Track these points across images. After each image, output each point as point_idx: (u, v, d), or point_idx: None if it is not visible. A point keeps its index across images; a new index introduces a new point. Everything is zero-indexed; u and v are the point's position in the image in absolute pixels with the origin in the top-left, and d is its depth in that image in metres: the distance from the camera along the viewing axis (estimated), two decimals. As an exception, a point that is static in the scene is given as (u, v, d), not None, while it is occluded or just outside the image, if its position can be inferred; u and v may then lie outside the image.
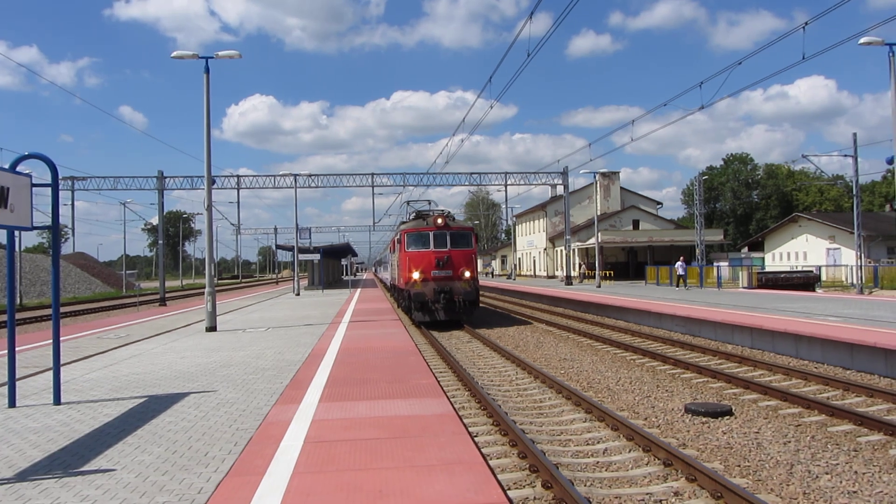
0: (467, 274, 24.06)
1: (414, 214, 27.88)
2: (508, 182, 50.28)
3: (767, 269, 54.96)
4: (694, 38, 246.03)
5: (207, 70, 20.95)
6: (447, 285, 23.69)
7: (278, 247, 72.39)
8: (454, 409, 8.83)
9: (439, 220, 24.39)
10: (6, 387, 9.79)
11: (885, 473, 7.62)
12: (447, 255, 23.95)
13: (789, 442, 8.92)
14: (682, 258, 42.19)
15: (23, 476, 6.37)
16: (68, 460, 6.87)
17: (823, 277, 46.16)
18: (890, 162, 30.53)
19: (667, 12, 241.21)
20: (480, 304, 29.08)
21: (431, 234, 24.32)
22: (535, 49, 18.19)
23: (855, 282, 40.28)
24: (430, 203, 30.13)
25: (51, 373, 10.04)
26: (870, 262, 47.14)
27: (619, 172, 77.14)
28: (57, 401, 9.70)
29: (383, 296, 42.15)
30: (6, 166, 9.12)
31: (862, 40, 20.92)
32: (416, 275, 23.58)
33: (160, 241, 48.28)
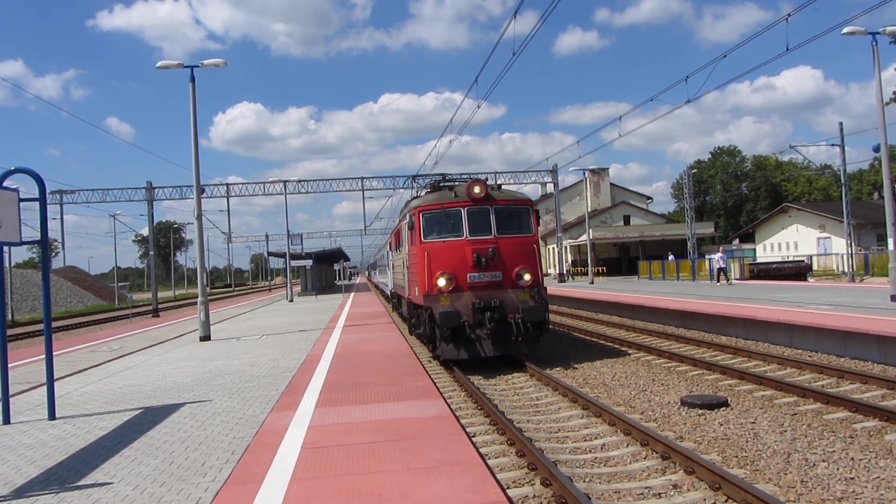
0: (527, 276, 14.45)
1: (430, 188, 17.82)
2: (498, 181, 50.31)
3: (759, 260, 55.19)
4: (680, 31, 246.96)
5: (193, 79, 20.90)
6: (495, 297, 14.27)
7: (270, 254, 72.23)
8: (451, 410, 8.82)
9: (476, 189, 14.79)
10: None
11: (881, 459, 7.66)
12: (493, 246, 14.47)
13: (785, 431, 8.95)
14: (721, 248, 39.93)
15: (19, 493, 6.33)
16: (64, 475, 6.83)
17: (815, 267, 46.45)
18: (877, 150, 30.74)
19: (653, 7, 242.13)
20: None
21: (465, 213, 14.68)
22: (521, 47, 18.06)
23: (846, 270, 40.54)
24: (444, 178, 17.83)
25: (44, 388, 9.98)
26: (860, 250, 47.45)
27: (608, 169, 77.41)
28: (52, 416, 9.64)
29: (377, 300, 42.09)
30: (-7, 182, 9.05)
31: (845, 30, 21.03)
32: (441, 281, 14.22)
33: (151, 252, 48.11)
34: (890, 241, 21.16)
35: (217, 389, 11.32)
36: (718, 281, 35.09)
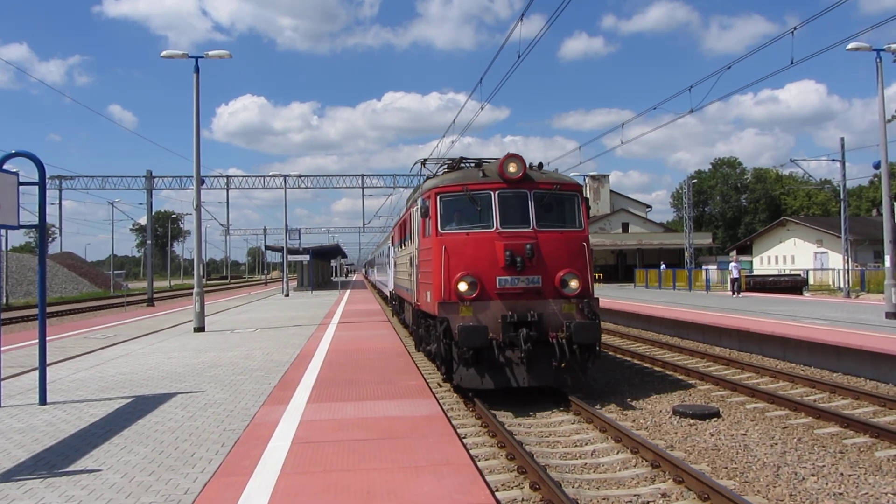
0: (575, 283, 11.26)
1: (448, 167, 13.88)
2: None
3: (755, 272, 55.27)
4: (686, 41, 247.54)
5: (197, 70, 20.88)
6: (533, 308, 11.03)
7: (267, 248, 72.13)
8: (442, 410, 8.82)
9: (512, 167, 11.48)
10: (-9, 386, 9.70)
11: (870, 475, 7.66)
12: (531, 242, 11.19)
13: (776, 444, 8.96)
14: (735, 258, 38.94)
15: (7, 476, 6.31)
16: (53, 460, 6.82)
17: (811, 281, 46.54)
18: (877, 167, 30.77)
19: (660, 15, 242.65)
20: None
21: (495, 197, 11.38)
22: (526, 51, 18.05)
23: (842, 285, 40.61)
24: (462, 159, 13.94)
25: (36, 373, 9.96)
26: (857, 266, 47.53)
27: (608, 175, 77.52)
28: (42, 401, 9.62)
29: (373, 297, 42.07)
30: (-8, 164, 9.04)
31: (850, 46, 21.06)
32: (462, 286, 10.99)
33: (148, 242, 48.08)
34: (887, 258, 21.19)
35: (209, 381, 11.31)
36: (734, 293, 33.94)
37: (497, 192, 11.33)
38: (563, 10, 14.86)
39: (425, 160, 16.20)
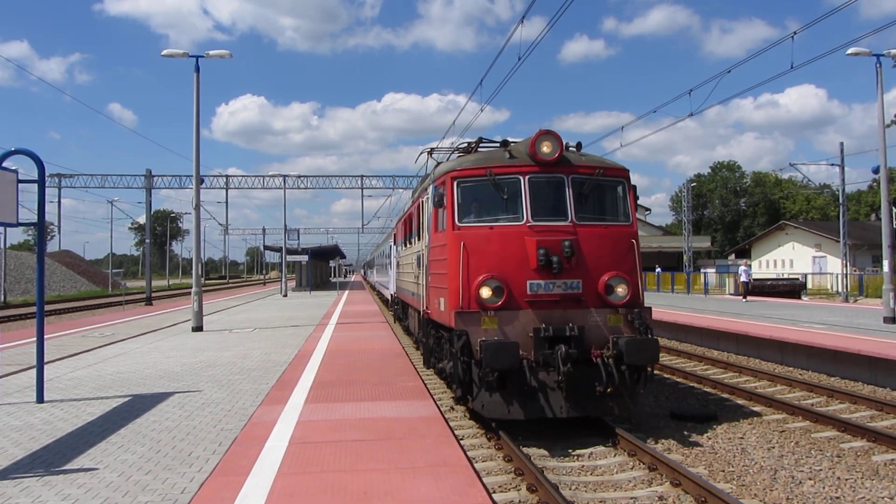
0: (622, 290, 9.49)
1: (463, 150, 12.21)
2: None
3: (754, 276, 55.32)
4: (687, 44, 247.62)
5: (198, 69, 20.89)
6: (572, 320, 9.23)
7: (266, 247, 72.16)
8: (440, 411, 8.82)
9: (546, 147, 9.66)
10: (-12, 384, 9.69)
11: (867, 479, 7.67)
12: (570, 238, 9.33)
13: (773, 447, 8.96)
14: (744, 262, 38.02)
15: (4, 474, 6.31)
16: (50, 459, 6.81)
17: (809, 285, 46.53)
18: (876, 171, 30.81)
19: (661, 19, 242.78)
20: None
21: (525, 182, 9.61)
22: (527, 53, 18.05)
23: (840, 290, 40.65)
24: (481, 141, 11.97)
25: (34, 371, 9.96)
26: (855, 271, 47.60)
27: (608, 178, 77.25)
28: (40, 399, 9.61)
29: (371, 298, 42.06)
30: (-8, 162, 9.03)
31: (849, 51, 21.08)
32: (485, 291, 9.21)
33: (147, 240, 48.04)
34: (885, 262, 21.22)
35: (207, 380, 11.30)
36: (745, 297, 32.73)
37: (528, 177, 9.47)
38: (564, 12, 14.85)
39: (433, 149, 14.44)
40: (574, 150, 10.36)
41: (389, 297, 28.17)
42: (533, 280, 9.14)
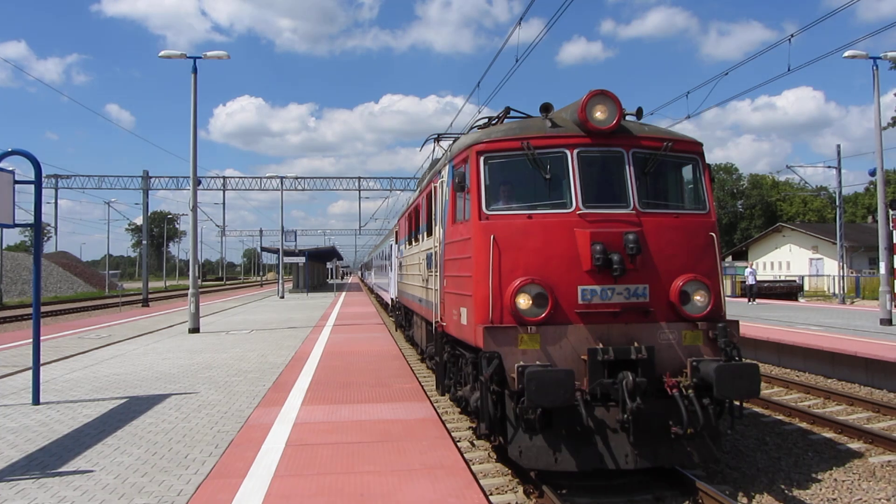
0: (702, 297, 7.48)
1: (483, 123, 9.84)
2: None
3: (751, 278, 55.36)
4: (685, 47, 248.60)
5: (195, 70, 20.88)
6: (637, 338, 7.26)
7: (263, 249, 72.14)
8: (437, 413, 8.81)
9: (599, 113, 7.59)
10: (-16, 386, 9.66)
11: (864, 481, 7.68)
12: (634, 231, 7.29)
13: (770, 449, 8.97)
14: (751, 264, 38.16)
15: (-1, 476, 6.29)
16: (46, 461, 6.79)
17: (806, 287, 46.66)
18: (873, 174, 30.86)
19: (659, 21, 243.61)
20: None
21: (573, 158, 7.60)
22: (524, 55, 18.08)
23: (837, 292, 40.70)
24: (508, 112, 9.36)
25: (30, 372, 9.92)
26: (852, 273, 47.68)
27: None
28: (36, 401, 9.58)
29: (368, 300, 42.04)
30: (-12, 163, 9.02)
31: (846, 53, 21.14)
32: (523, 300, 7.19)
33: (144, 242, 47.97)
34: (882, 264, 21.27)
35: (203, 382, 11.27)
36: (749, 299, 32.80)
37: (576, 151, 7.54)
38: (562, 14, 14.84)
39: (440, 135, 12.81)
40: (633, 117, 8.27)
41: (389, 302, 26.29)
42: (586, 285, 7.17)
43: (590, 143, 7.60)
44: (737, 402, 7.15)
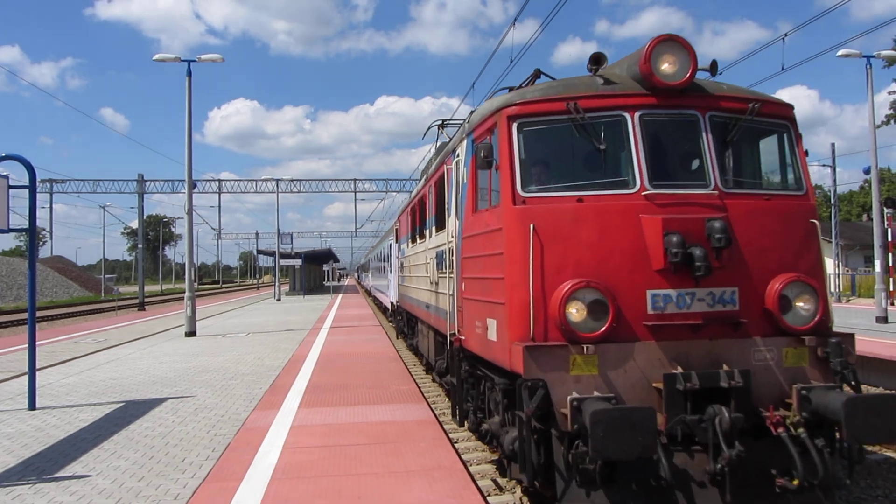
0: (807, 303, 5.75)
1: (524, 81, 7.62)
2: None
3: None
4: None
5: (190, 73, 20.89)
6: (726, 358, 5.53)
7: (259, 252, 72.02)
8: (434, 414, 8.81)
9: (667, 65, 5.85)
10: (-21, 391, 9.63)
11: (860, 479, 7.69)
12: (719, 217, 5.50)
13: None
14: None
15: (-5, 482, 6.27)
16: (42, 466, 6.77)
17: (802, 285, 46.63)
18: (867, 172, 30.99)
19: (653, 21, 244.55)
20: None
21: (636, 122, 5.90)
22: (518, 56, 18.20)
23: (833, 290, 40.81)
24: (539, 73, 7.47)
25: (26, 377, 9.90)
26: (847, 271, 47.80)
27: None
28: (32, 406, 9.55)
29: (365, 301, 42.02)
30: (-18, 167, 9.00)
31: (840, 52, 21.20)
32: (575, 309, 5.46)
33: (140, 245, 47.87)
34: (877, 262, 21.33)
35: (200, 386, 11.25)
36: None
37: (639, 114, 5.92)
38: (556, 14, 14.87)
39: (444, 121, 11.77)
40: (705, 73, 6.40)
41: (389, 306, 24.50)
42: (658, 289, 5.54)
43: (655, 103, 5.97)
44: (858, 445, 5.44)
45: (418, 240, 12.77)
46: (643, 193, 5.73)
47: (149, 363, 14.28)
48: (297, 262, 51.59)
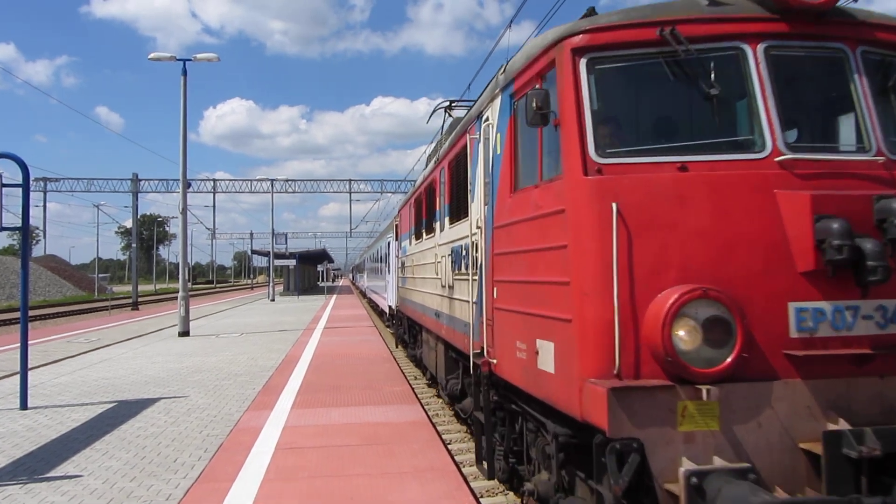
0: None
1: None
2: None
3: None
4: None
5: (185, 72, 20.87)
6: None
7: (254, 252, 71.93)
8: (427, 416, 8.81)
9: None
10: (-29, 391, 9.60)
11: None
12: (891, 191, 3.80)
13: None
14: None
15: (-14, 482, 6.25)
16: (34, 466, 6.75)
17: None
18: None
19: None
20: None
21: (759, 59, 4.14)
22: (513, 57, 18.24)
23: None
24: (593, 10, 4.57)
25: (18, 377, 9.86)
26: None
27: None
28: (24, 405, 9.52)
29: (359, 302, 41.99)
30: (-25, 166, 8.97)
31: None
32: (684, 330, 3.69)
33: (134, 245, 47.79)
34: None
35: (193, 386, 11.23)
36: None
37: (764, 46, 4.27)
38: (553, 16, 14.91)
39: (452, 102, 10.62)
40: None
41: (387, 310, 22.77)
42: (806, 302, 3.91)
43: (786, 31, 4.24)
44: None
45: (424, 235, 11.19)
46: (777, 159, 4.00)
47: (141, 363, 14.25)
48: (292, 263, 51.52)
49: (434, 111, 11.48)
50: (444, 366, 10.06)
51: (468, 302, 6.80)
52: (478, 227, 6.34)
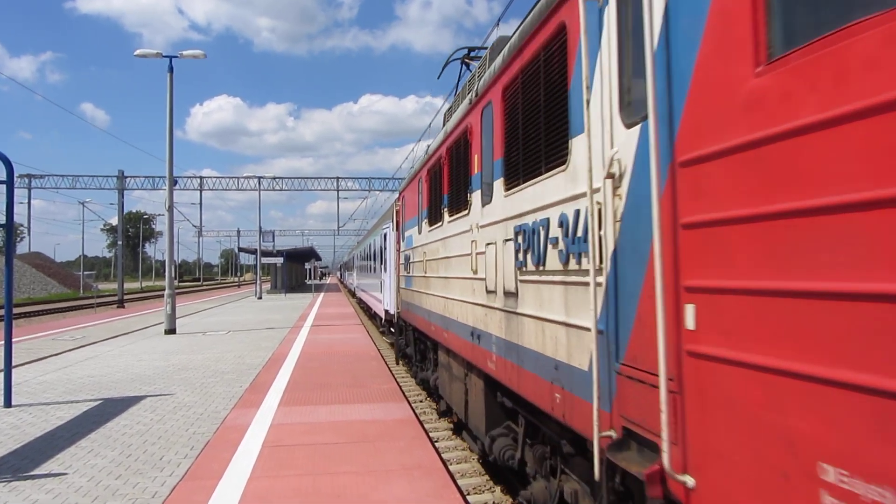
0: None
1: None
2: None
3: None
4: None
5: (171, 69, 20.74)
6: None
7: (241, 249, 71.62)
8: (415, 413, 8.82)
9: None
10: (-46, 388, 9.52)
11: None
12: None
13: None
14: None
15: (-31, 480, 6.20)
16: (18, 464, 6.70)
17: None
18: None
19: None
20: None
21: None
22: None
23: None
24: None
25: (1, 375, 9.79)
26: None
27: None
28: (7, 403, 9.45)
29: (346, 300, 41.92)
30: (-41, 162, 8.89)
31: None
32: None
33: (119, 242, 47.42)
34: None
35: (179, 384, 11.19)
36: None
37: None
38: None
39: (470, 51, 9.35)
40: None
41: (383, 315, 20.20)
42: None
43: None
44: None
45: (447, 216, 8.31)
46: None
47: (127, 361, 14.17)
48: (279, 261, 51.37)
49: (447, 62, 9.61)
50: (482, 412, 7.03)
51: (576, 328, 4.00)
52: (608, 177, 3.47)
